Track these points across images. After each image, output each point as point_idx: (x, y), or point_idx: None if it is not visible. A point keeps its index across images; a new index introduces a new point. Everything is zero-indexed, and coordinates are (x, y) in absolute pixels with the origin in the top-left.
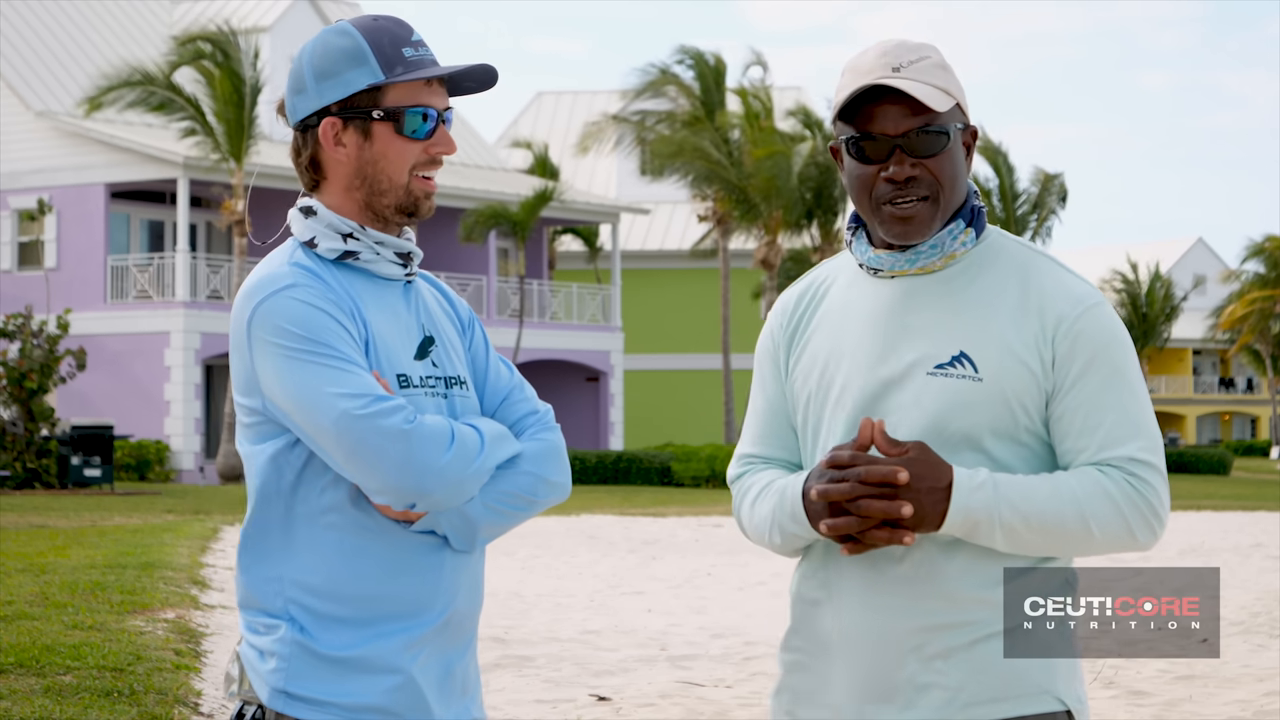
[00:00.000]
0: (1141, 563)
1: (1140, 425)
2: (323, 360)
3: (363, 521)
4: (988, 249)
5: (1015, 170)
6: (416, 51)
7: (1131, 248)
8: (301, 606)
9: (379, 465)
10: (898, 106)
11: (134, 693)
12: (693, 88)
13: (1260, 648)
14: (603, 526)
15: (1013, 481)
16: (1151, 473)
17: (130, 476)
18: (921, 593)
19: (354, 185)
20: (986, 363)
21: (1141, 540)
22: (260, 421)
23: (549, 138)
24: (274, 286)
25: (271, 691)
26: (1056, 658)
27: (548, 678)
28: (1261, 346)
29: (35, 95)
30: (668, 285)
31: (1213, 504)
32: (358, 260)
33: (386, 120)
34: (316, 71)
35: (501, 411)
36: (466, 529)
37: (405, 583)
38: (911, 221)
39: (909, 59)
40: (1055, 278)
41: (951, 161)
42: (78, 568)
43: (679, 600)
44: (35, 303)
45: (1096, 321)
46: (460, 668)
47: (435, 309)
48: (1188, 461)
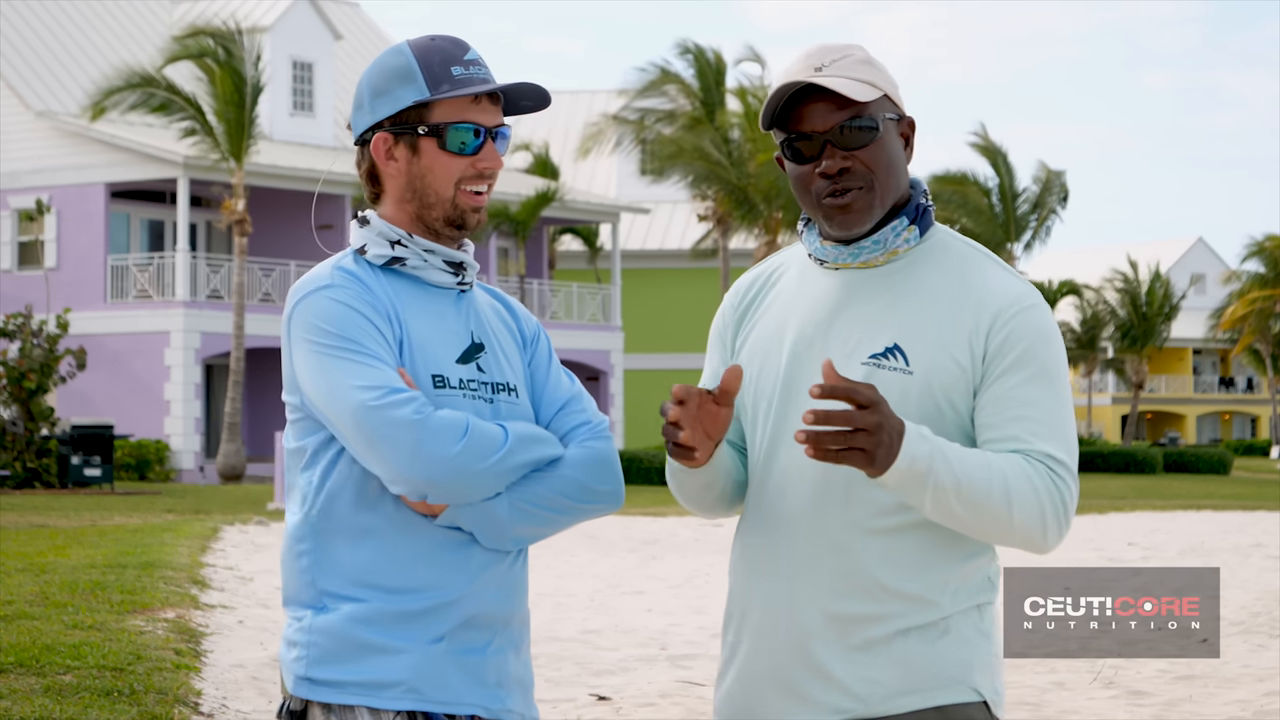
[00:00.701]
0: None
1: (1060, 428)
2: (348, 355)
3: (393, 515)
4: (932, 247)
5: (1015, 170)
6: (467, 70)
7: (1132, 247)
8: (331, 596)
9: (391, 455)
10: (824, 103)
11: (134, 692)
12: (692, 86)
13: (1260, 648)
14: (603, 526)
15: (951, 445)
16: (1068, 474)
17: (130, 476)
18: (841, 587)
19: (406, 198)
20: (918, 357)
21: (1049, 537)
22: (301, 418)
23: (549, 137)
24: (313, 286)
25: (295, 680)
26: (976, 653)
27: (548, 677)
28: (1262, 346)
29: (35, 95)
30: (668, 285)
31: (1213, 504)
32: (405, 266)
33: (431, 135)
34: (372, 90)
35: (557, 420)
36: (493, 527)
37: (429, 576)
38: (850, 210)
39: (831, 58)
40: (995, 277)
41: (884, 151)
42: (78, 567)
43: (679, 600)
44: (35, 302)
45: (1030, 320)
46: (493, 660)
47: (491, 319)
48: (1188, 461)
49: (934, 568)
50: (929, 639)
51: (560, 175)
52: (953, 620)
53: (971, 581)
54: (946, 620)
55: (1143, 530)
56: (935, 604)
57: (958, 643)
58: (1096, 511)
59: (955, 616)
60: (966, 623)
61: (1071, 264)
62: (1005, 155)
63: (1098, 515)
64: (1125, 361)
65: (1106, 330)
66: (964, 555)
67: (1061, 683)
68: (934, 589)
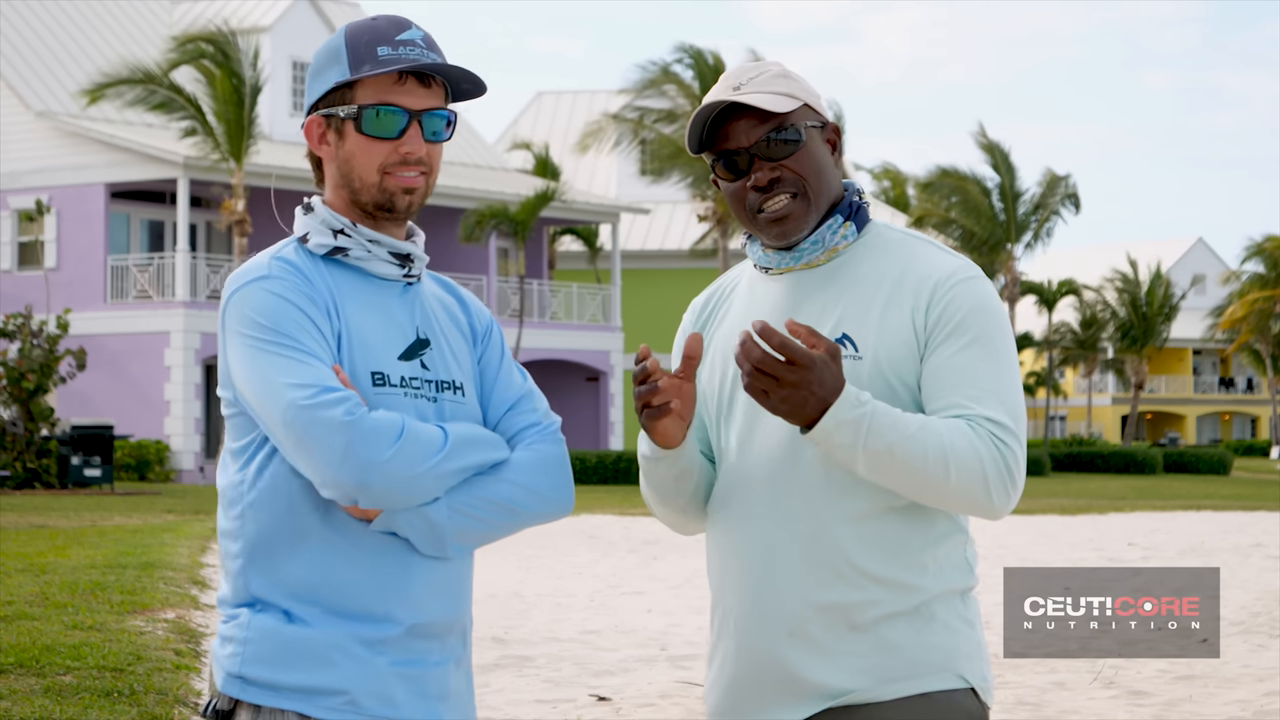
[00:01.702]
0: (1141, 563)
1: (1001, 392)
2: (281, 350)
3: (329, 519)
4: (871, 241)
5: (1017, 170)
6: (395, 50)
7: (1132, 247)
8: (266, 598)
9: (320, 457)
10: (745, 120)
11: (134, 693)
12: (692, 87)
13: (1260, 648)
14: (603, 526)
15: (890, 409)
16: (1011, 437)
17: (130, 476)
18: (821, 575)
19: (339, 183)
20: (865, 341)
21: (995, 500)
22: (236, 414)
23: (549, 138)
24: (250, 277)
25: (226, 677)
26: (960, 640)
27: (548, 678)
28: (1262, 346)
29: (35, 95)
30: (668, 285)
31: (1213, 504)
32: (348, 257)
33: (350, 119)
34: (310, 71)
35: (505, 420)
36: (431, 533)
37: (368, 583)
38: (787, 220)
39: (749, 76)
40: (932, 256)
41: (810, 157)
42: (78, 568)
43: (679, 600)
44: (35, 303)
45: (968, 290)
46: (435, 671)
47: (439, 314)
48: (1188, 461)
49: (910, 549)
50: (914, 626)
51: (560, 175)
52: (935, 606)
53: (949, 562)
54: (929, 606)
55: (1143, 530)
56: (915, 587)
57: (943, 630)
58: (1097, 512)
59: (937, 602)
60: (950, 610)
61: (1071, 264)
62: (1007, 155)
63: (1098, 515)
64: (1125, 362)
65: (1106, 330)
66: (938, 536)
67: (1062, 683)
68: (911, 571)
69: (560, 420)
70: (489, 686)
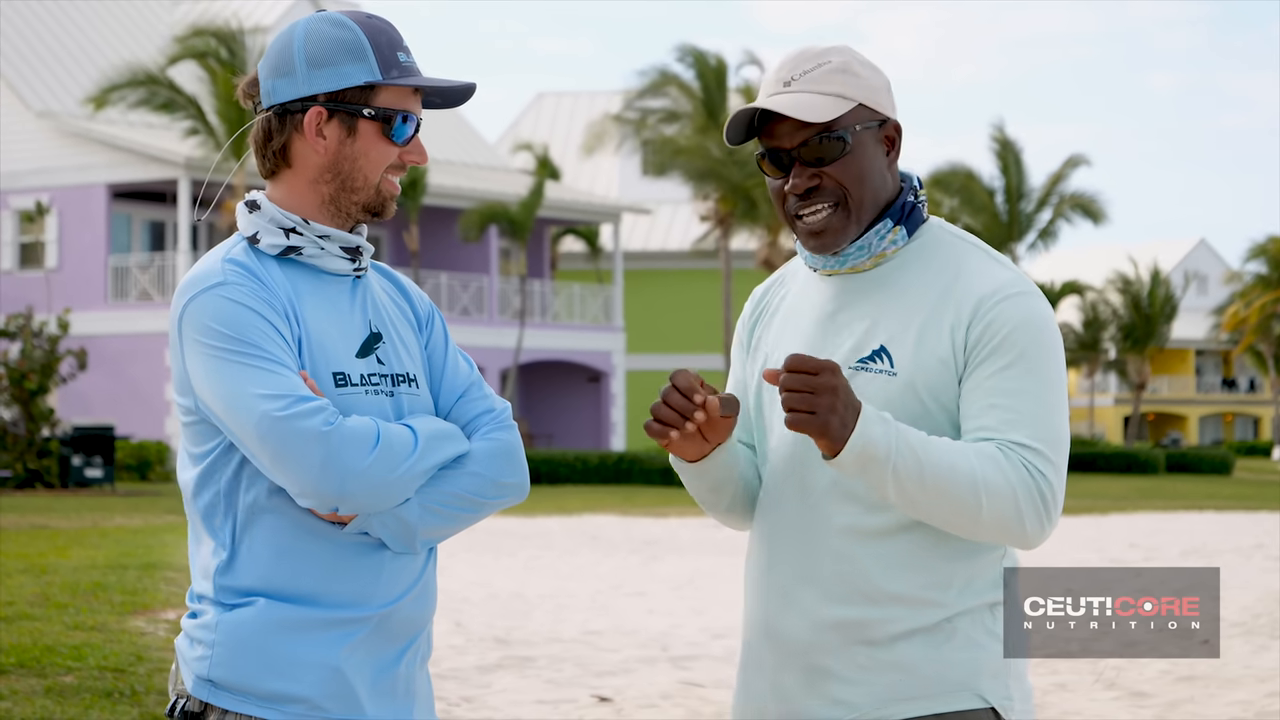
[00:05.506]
0: (1142, 563)
1: (1041, 417)
2: (248, 360)
3: (299, 521)
4: (923, 245)
5: (1026, 169)
6: (408, 57)
7: (1134, 247)
8: (235, 601)
9: (300, 468)
10: (791, 119)
11: (135, 693)
12: (693, 88)
13: (1261, 648)
14: (604, 527)
15: (916, 432)
16: (1047, 465)
17: (131, 477)
18: (839, 591)
19: (323, 179)
20: (902, 358)
21: (1029, 530)
22: (196, 421)
23: (550, 138)
24: (204, 284)
25: (196, 680)
26: (983, 657)
27: (549, 678)
28: (1264, 347)
29: (35, 95)
30: (669, 285)
31: (1214, 504)
32: (301, 256)
33: (376, 120)
34: (310, 58)
35: (457, 409)
36: (403, 532)
37: (340, 584)
38: (824, 235)
39: (804, 69)
40: (982, 268)
41: (856, 164)
42: (79, 568)
43: (681, 601)
44: (36, 303)
45: (1013, 307)
46: (403, 671)
47: (387, 304)
48: (1190, 462)
49: (934, 566)
50: (933, 643)
51: (562, 176)
52: (959, 622)
53: (982, 578)
54: (952, 622)
55: (1144, 531)
56: (938, 604)
57: (964, 646)
58: (1098, 512)
59: (962, 617)
60: (975, 624)
61: (1073, 264)
62: (1019, 154)
63: (1100, 516)
64: (1127, 362)
65: (1108, 331)
66: (969, 550)
67: (1063, 684)
68: (935, 588)
69: (510, 405)
70: (490, 687)
